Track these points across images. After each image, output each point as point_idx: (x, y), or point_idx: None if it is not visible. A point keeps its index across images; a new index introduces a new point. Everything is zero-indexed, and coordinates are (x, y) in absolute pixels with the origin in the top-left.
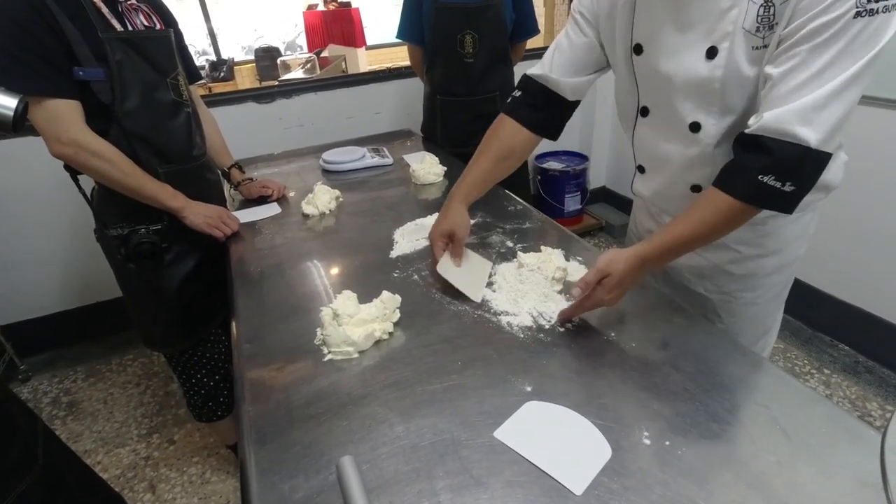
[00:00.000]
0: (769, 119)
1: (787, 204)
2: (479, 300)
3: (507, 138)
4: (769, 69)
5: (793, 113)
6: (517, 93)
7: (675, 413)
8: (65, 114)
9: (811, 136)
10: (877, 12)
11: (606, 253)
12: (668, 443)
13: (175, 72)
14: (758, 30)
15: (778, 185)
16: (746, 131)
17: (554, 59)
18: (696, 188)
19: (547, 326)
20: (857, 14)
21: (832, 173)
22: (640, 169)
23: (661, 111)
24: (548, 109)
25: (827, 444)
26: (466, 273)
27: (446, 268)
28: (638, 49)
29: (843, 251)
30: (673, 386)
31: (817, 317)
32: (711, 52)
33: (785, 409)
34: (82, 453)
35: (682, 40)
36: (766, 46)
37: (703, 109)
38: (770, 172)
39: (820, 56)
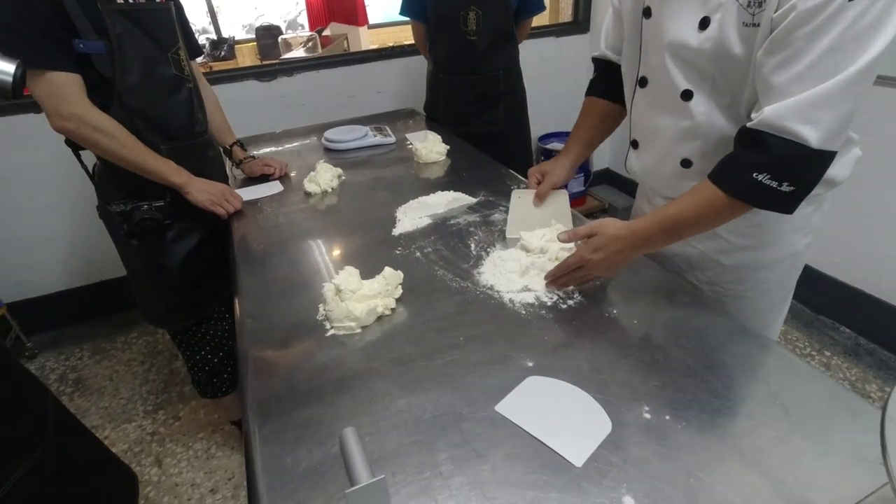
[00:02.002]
0: (769, 114)
1: (785, 204)
2: (509, 236)
3: (598, 109)
4: (763, 57)
5: (793, 109)
6: (593, 75)
7: (675, 389)
8: (66, 87)
9: (812, 135)
10: None
11: (600, 219)
12: (667, 417)
13: (176, 46)
14: (749, 5)
15: (774, 184)
16: (748, 125)
17: (607, 36)
18: (686, 163)
19: (549, 303)
20: None
21: (839, 168)
22: (634, 144)
23: (657, 80)
24: (619, 82)
25: (825, 420)
26: (529, 212)
27: (519, 196)
28: (647, 12)
29: (846, 234)
30: (674, 362)
31: (819, 299)
32: (704, 23)
33: (785, 385)
34: (90, 428)
35: (683, 6)
36: (755, 25)
37: (695, 80)
38: (766, 170)
39: (816, 43)
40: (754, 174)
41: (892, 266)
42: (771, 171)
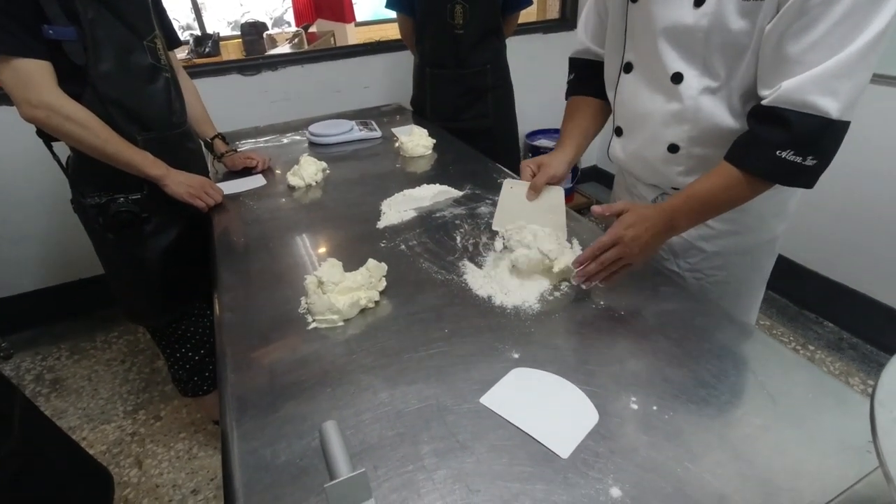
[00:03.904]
0: (789, 89)
1: (808, 178)
2: (495, 228)
3: (587, 106)
4: (775, 28)
5: (813, 81)
6: (570, 76)
7: (662, 379)
8: (35, 75)
9: (833, 105)
10: None
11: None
12: (655, 407)
13: (152, 34)
14: None
15: (798, 159)
16: (763, 102)
17: (587, 29)
18: (673, 147)
19: (535, 294)
20: None
21: None
22: (618, 131)
23: (645, 64)
24: (599, 80)
25: (812, 409)
26: (521, 206)
27: (511, 187)
28: None
29: (830, 228)
30: (661, 353)
31: (803, 294)
32: (699, 0)
33: (772, 374)
34: (67, 430)
35: None
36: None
37: (686, 61)
38: (789, 147)
39: (831, 10)
40: (777, 152)
41: (876, 262)
42: (794, 146)
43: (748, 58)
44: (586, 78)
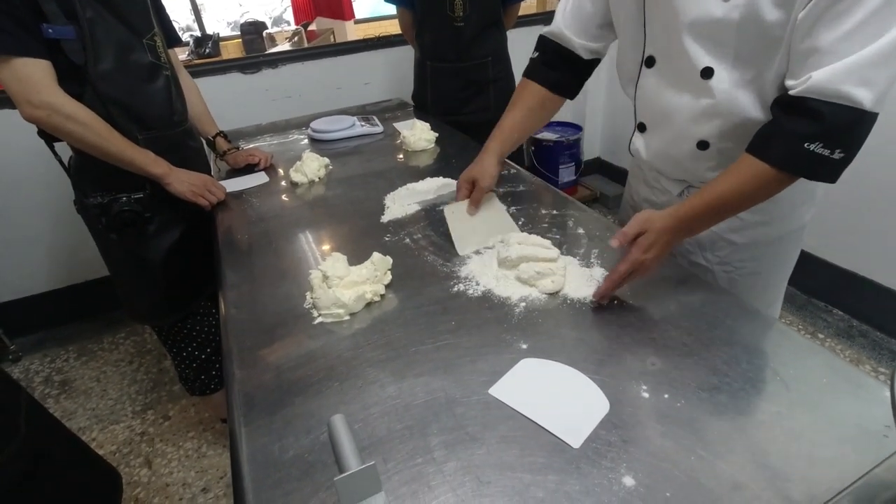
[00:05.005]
0: (821, 79)
1: (834, 172)
2: (462, 253)
3: (531, 96)
4: (807, 18)
5: (848, 71)
6: (535, 54)
7: (673, 367)
8: (35, 74)
9: (867, 97)
10: None
11: (641, 213)
12: (666, 396)
13: (151, 32)
14: None
15: (826, 152)
16: (791, 92)
17: (566, 13)
18: (702, 144)
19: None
20: None
21: None
22: (641, 127)
23: (670, 58)
24: (563, 69)
25: (827, 394)
26: (471, 224)
27: (453, 211)
28: None
29: (839, 216)
30: (671, 341)
31: (811, 282)
32: None
33: (784, 360)
34: (76, 430)
35: None
36: None
37: (715, 55)
38: (818, 139)
39: None
40: (805, 144)
41: (885, 248)
42: (823, 139)
43: (783, 50)
44: (548, 62)
